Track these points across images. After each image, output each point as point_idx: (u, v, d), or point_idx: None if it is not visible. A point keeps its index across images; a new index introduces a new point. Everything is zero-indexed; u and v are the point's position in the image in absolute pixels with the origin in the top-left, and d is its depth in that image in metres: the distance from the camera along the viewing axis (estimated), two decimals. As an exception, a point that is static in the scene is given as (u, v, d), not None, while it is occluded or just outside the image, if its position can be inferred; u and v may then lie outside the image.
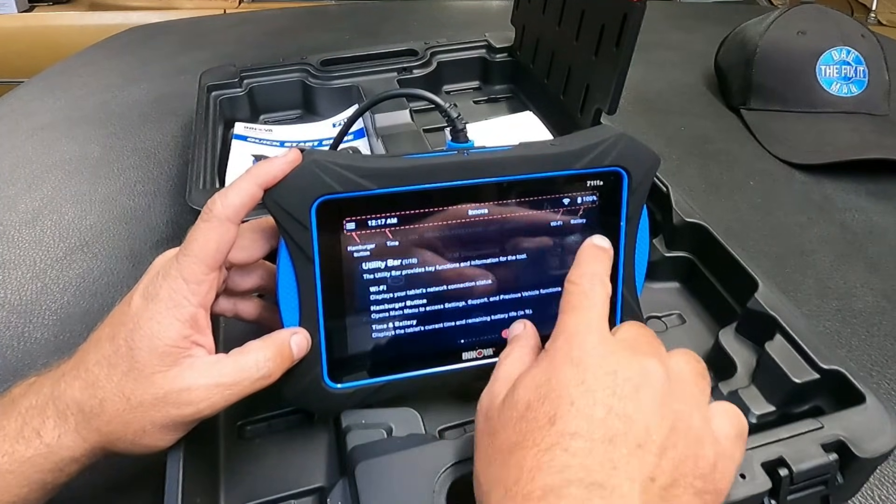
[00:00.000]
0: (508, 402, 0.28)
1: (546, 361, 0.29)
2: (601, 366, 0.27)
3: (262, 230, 0.35)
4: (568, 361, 0.28)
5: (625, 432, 0.25)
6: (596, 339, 0.29)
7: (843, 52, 0.73)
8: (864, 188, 0.66)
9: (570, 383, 0.27)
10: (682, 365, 0.29)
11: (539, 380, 0.28)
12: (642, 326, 0.31)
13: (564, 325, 0.30)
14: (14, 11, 1.69)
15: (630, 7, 0.50)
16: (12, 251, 0.59)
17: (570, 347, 0.28)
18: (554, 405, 0.26)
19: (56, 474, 0.31)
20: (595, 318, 0.30)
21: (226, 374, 0.31)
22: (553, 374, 0.27)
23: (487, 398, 0.30)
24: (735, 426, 0.29)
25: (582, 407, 0.26)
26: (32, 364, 0.48)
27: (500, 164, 0.35)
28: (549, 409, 0.26)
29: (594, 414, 0.26)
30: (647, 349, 0.29)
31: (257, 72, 0.71)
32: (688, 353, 0.31)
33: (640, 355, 0.28)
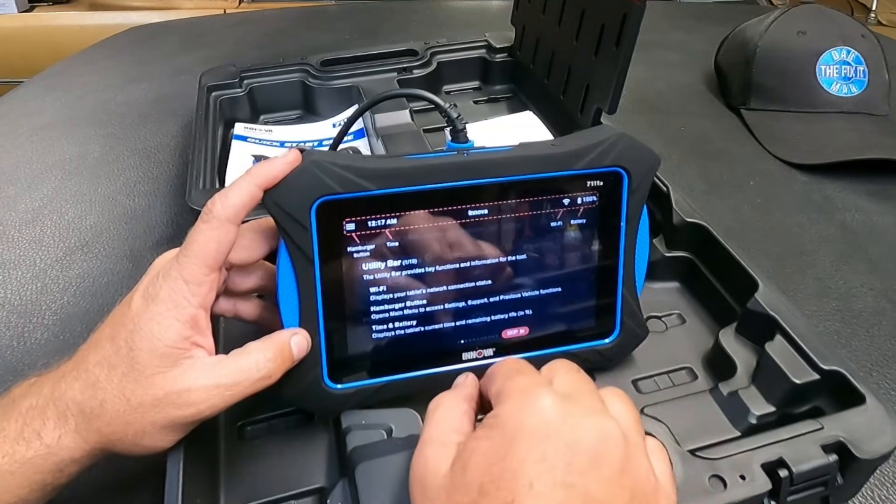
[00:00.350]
0: (459, 481, 0.26)
1: (497, 431, 0.26)
2: (560, 435, 0.25)
3: (262, 231, 0.35)
4: (523, 432, 0.25)
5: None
6: (549, 402, 0.26)
7: (843, 52, 0.73)
8: (864, 188, 0.66)
9: (527, 460, 0.25)
10: (621, 413, 0.28)
11: (492, 457, 0.25)
12: (575, 370, 0.30)
13: (511, 387, 0.28)
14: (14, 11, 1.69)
15: (630, 7, 0.50)
16: (12, 251, 0.59)
17: (524, 413, 0.26)
18: (511, 490, 0.24)
19: (56, 475, 0.31)
20: (540, 379, 0.28)
21: (226, 374, 0.31)
22: (507, 449, 0.25)
23: (420, 465, 0.28)
24: (664, 461, 0.28)
25: (541, 489, 0.24)
26: (32, 364, 0.48)
27: (501, 164, 0.35)
28: (506, 494, 0.24)
29: (555, 495, 0.24)
30: (596, 404, 0.27)
31: (257, 72, 0.71)
32: (619, 397, 0.29)
33: (595, 417, 0.26)
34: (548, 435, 0.25)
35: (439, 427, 0.29)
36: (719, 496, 0.31)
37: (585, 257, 0.39)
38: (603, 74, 0.55)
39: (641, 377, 0.42)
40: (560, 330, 0.40)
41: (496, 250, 0.37)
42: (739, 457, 0.32)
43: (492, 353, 0.39)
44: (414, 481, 0.28)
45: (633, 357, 0.43)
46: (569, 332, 0.40)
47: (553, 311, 0.39)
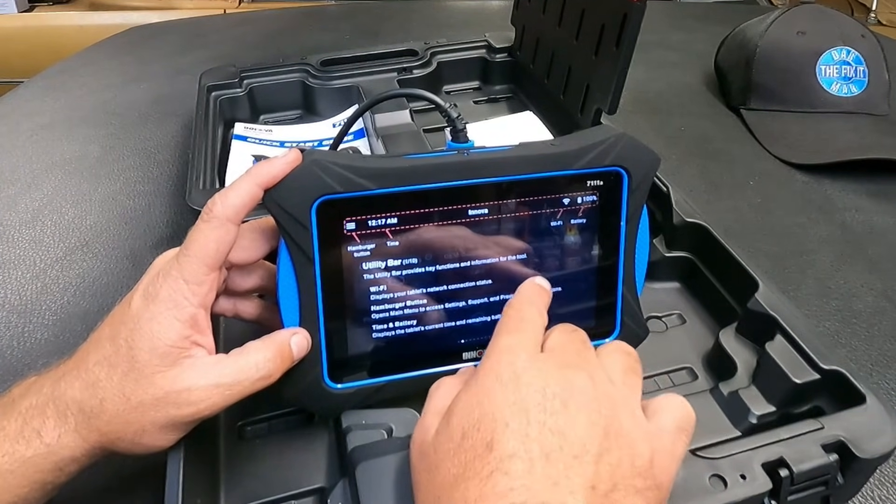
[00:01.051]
0: (443, 433, 0.28)
1: (475, 385, 0.29)
2: (530, 383, 0.27)
3: (263, 230, 0.35)
4: (498, 382, 0.28)
5: (560, 446, 0.26)
6: (524, 357, 0.29)
7: (843, 52, 0.73)
8: (864, 188, 0.66)
9: (502, 404, 0.27)
10: (612, 364, 0.30)
11: (471, 404, 0.28)
12: (570, 331, 0.32)
13: (495, 345, 0.30)
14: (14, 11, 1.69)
15: (630, 7, 0.50)
16: (12, 251, 0.59)
17: (500, 367, 0.28)
18: (489, 429, 0.26)
19: (56, 474, 0.31)
20: (526, 340, 0.30)
21: (226, 374, 0.31)
22: (484, 396, 0.28)
23: (420, 433, 0.30)
24: (676, 419, 0.29)
25: (516, 427, 0.26)
26: (32, 364, 0.48)
27: (501, 164, 0.35)
28: (485, 434, 0.26)
29: (529, 432, 0.26)
30: (575, 359, 0.29)
31: (257, 72, 0.71)
32: (618, 350, 0.31)
33: (566, 369, 0.29)
34: (520, 382, 0.28)
35: (439, 402, 0.30)
36: (720, 496, 0.31)
37: (585, 257, 0.39)
38: (603, 74, 0.55)
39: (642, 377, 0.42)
40: (560, 330, 0.40)
41: (496, 250, 0.37)
42: (740, 456, 0.32)
43: (492, 353, 0.39)
44: (413, 448, 0.30)
45: (633, 357, 0.43)
46: (569, 331, 0.40)
47: (553, 311, 0.39)
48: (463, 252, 0.36)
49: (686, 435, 0.29)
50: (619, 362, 0.30)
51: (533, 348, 0.30)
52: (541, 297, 0.34)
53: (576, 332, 0.32)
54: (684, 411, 0.30)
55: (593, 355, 0.30)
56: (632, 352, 0.32)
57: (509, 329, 0.31)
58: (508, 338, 0.30)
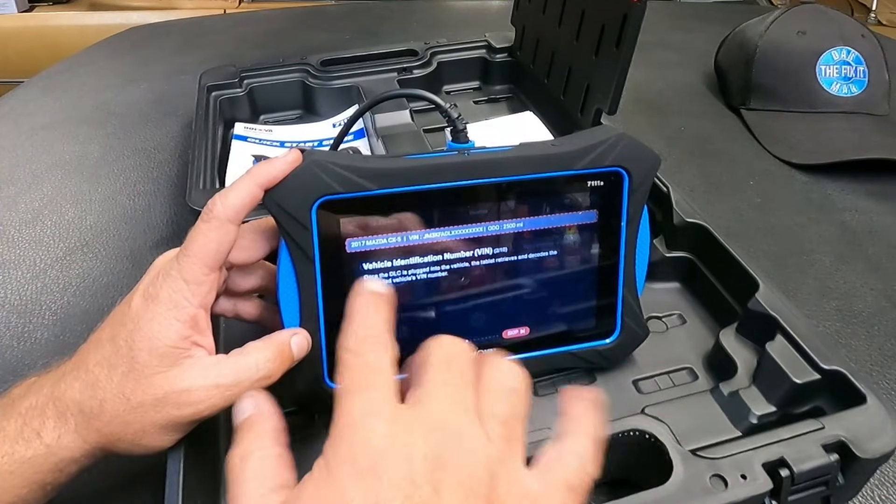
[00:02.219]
0: None
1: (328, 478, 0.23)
2: (395, 468, 0.22)
3: (263, 231, 0.35)
4: (354, 471, 0.22)
5: None
6: (382, 427, 0.23)
7: (843, 52, 0.73)
8: (864, 188, 0.66)
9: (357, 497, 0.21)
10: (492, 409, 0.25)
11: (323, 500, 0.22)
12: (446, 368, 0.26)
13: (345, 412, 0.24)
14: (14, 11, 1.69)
15: (630, 7, 0.50)
16: (12, 251, 0.59)
17: (355, 449, 0.23)
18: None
19: (56, 475, 0.31)
20: (381, 399, 0.24)
21: (226, 374, 0.31)
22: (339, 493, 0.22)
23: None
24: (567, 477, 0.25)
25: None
26: (32, 364, 0.48)
27: (501, 164, 0.35)
28: None
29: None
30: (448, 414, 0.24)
31: (257, 72, 0.71)
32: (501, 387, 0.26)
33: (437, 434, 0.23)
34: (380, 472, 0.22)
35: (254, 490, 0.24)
36: (720, 496, 0.31)
37: (586, 257, 0.39)
38: (603, 75, 0.55)
39: (642, 377, 0.42)
40: (560, 330, 0.40)
41: (496, 250, 0.37)
42: (740, 456, 0.32)
43: (492, 353, 0.39)
44: None
45: (633, 357, 0.43)
46: (569, 332, 0.40)
47: (553, 312, 0.39)
48: (463, 252, 0.36)
49: (578, 493, 0.25)
50: (500, 409, 0.25)
51: (391, 406, 0.24)
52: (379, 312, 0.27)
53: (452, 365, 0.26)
54: (579, 468, 0.25)
55: (470, 397, 0.25)
56: (517, 386, 0.26)
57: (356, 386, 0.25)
58: (359, 401, 0.24)
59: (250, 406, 0.28)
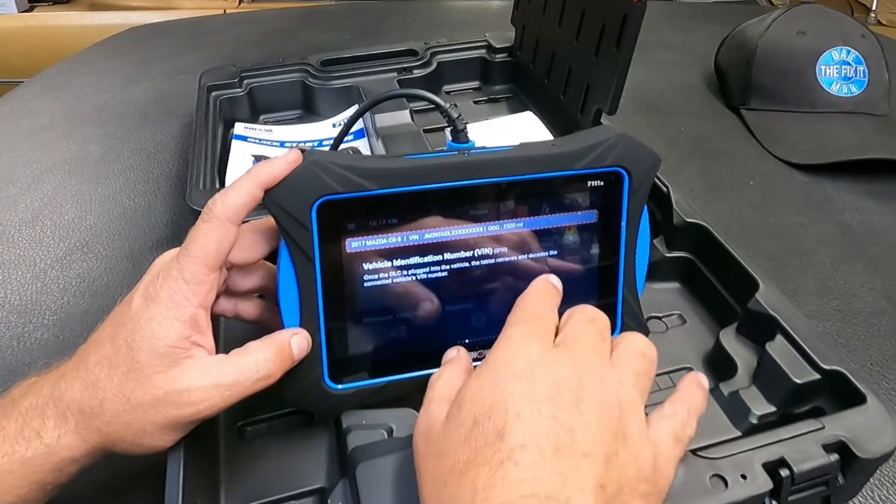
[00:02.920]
0: (454, 419, 0.28)
1: (488, 372, 0.28)
2: (544, 377, 0.27)
3: (263, 231, 0.35)
4: (511, 373, 0.28)
5: (570, 443, 0.26)
6: (538, 349, 0.29)
7: (843, 52, 0.73)
8: (864, 188, 0.66)
9: (514, 394, 0.27)
10: (625, 365, 0.30)
11: (483, 391, 0.27)
12: (588, 321, 0.31)
13: (508, 334, 0.30)
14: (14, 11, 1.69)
15: (630, 7, 0.50)
16: (12, 251, 0.59)
17: (514, 357, 0.28)
18: (501, 418, 0.26)
19: (56, 475, 0.31)
20: (539, 332, 0.30)
21: (226, 374, 0.31)
22: (497, 385, 0.27)
23: (425, 421, 0.30)
24: (674, 430, 0.29)
25: (528, 418, 0.26)
26: (32, 364, 0.48)
27: (501, 164, 0.35)
28: (496, 422, 0.26)
29: (540, 425, 0.26)
30: (589, 356, 0.29)
31: (257, 72, 0.71)
32: (635, 351, 0.31)
33: (580, 366, 0.28)
34: (533, 374, 0.27)
35: (441, 390, 0.30)
36: (720, 496, 0.31)
37: (586, 257, 0.39)
38: (603, 75, 0.55)
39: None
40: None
41: (496, 250, 0.37)
42: (740, 456, 0.32)
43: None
44: (418, 435, 0.30)
45: (633, 357, 0.43)
46: (569, 331, 0.40)
47: (553, 311, 0.39)
48: (463, 252, 0.36)
49: (682, 445, 0.29)
50: (633, 364, 0.30)
51: (547, 341, 0.30)
52: (553, 295, 0.34)
53: (594, 323, 0.31)
54: (683, 425, 0.30)
55: (608, 351, 0.30)
56: (647, 352, 0.31)
57: (523, 320, 0.31)
58: (522, 328, 0.30)
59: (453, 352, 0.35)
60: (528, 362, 0.28)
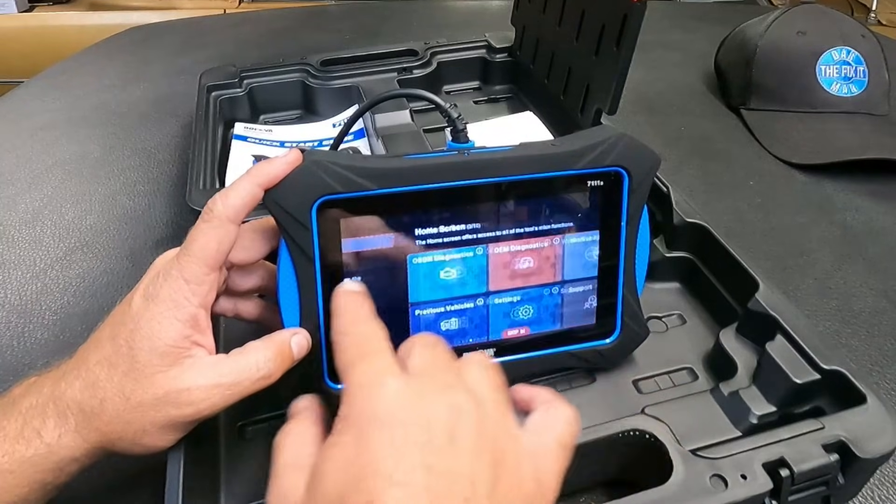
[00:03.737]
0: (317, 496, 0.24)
1: (349, 431, 0.25)
2: (412, 419, 0.24)
3: (263, 230, 0.35)
4: (373, 423, 0.24)
5: (449, 489, 0.23)
6: (394, 386, 0.25)
7: (843, 52, 0.73)
8: (864, 188, 0.66)
9: (382, 452, 0.23)
10: (479, 382, 0.27)
11: (347, 457, 0.24)
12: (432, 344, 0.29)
13: (355, 380, 0.26)
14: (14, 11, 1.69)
15: (630, 7, 0.50)
16: (12, 251, 0.59)
17: (372, 404, 0.25)
18: (372, 488, 0.22)
19: (56, 474, 0.31)
20: (385, 363, 0.27)
21: (226, 374, 0.31)
22: (360, 444, 0.24)
23: (277, 493, 0.26)
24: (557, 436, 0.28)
25: (400, 478, 0.23)
26: (32, 364, 0.48)
27: (501, 164, 0.35)
28: (367, 495, 0.22)
29: (415, 481, 0.23)
30: (449, 378, 0.27)
31: (257, 72, 0.71)
32: (479, 364, 0.28)
33: (446, 392, 0.26)
34: (397, 421, 0.24)
35: (289, 455, 0.27)
36: (720, 496, 0.31)
37: (586, 258, 0.39)
38: (603, 75, 0.55)
39: (642, 377, 0.42)
40: (560, 330, 0.40)
41: (496, 250, 0.37)
42: (741, 456, 0.32)
43: (492, 353, 0.39)
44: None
45: (633, 357, 0.43)
46: (569, 332, 0.40)
47: (552, 311, 0.39)
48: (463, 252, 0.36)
49: (567, 450, 0.28)
50: (485, 380, 0.28)
51: (394, 367, 0.27)
52: (361, 305, 0.30)
53: (437, 345, 0.29)
54: (566, 426, 0.28)
55: (458, 370, 0.28)
56: (489, 364, 0.29)
57: (356, 358, 0.27)
58: (363, 368, 0.26)
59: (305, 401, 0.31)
60: (388, 404, 0.25)
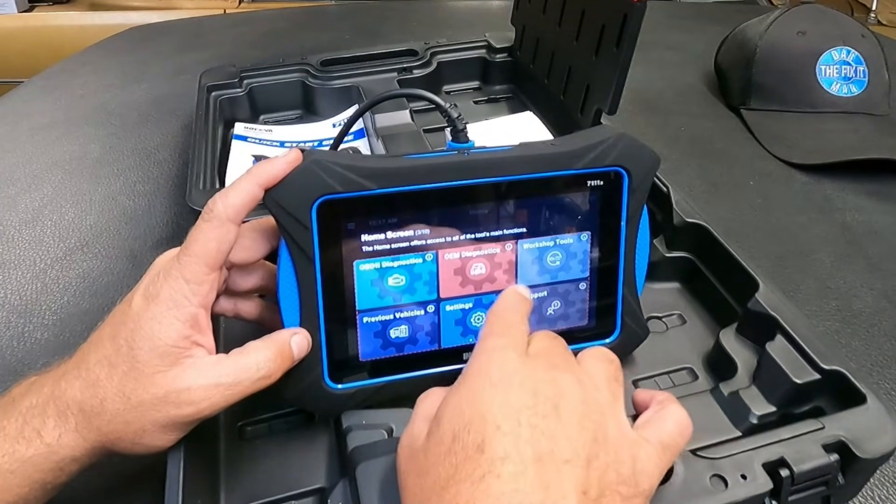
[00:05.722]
0: (434, 436, 0.27)
1: (465, 386, 0.28)
2: (521, 385, 0.27)
3: (263, 230, 0.35)
4: (488, 383, 0.27)
5: (551, 450, 0.25)
6: (514, 358, 0.28)
7: (843, 52, 0.73)
8: (864, 188, 0.66)
9: (492, 405, 0.26)
10: (595, 371, 0.30)
11: (461, 406, 0.27)
12: (553, 337, 0.31)
13: (482, 347, 0.30)
14: (14, 11, 1.69)
15: (630, 7, 0.50)
16: (12, 251, 0.59)
17: (490, 368, 0.28)
18: (480, 431, 0.26)
19: (56, 474, 0.31)
20: (513, 342, 0.30)
21: (226, 374, 0.31)
22: (475, 398, 0.27)
23: (408, 438, 0.29)
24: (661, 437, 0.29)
25: (507, 429, 0.26)
26: (32, 364, 0.48)
27: (501, 164, 0.35)
28: (476, 436, 0.26)
29: (520, 434, 0.26)
30: (561, 362, 0.29)
31: (257, 72, 0.71)
32: (600, 357, 0.31)
33: (555, 371, 0.28)
34: (511, 384, 0.27)
35: (427, 408, 0.30)
36: (720, 496, 0.31)
37: (586, 257, 0.39)
38: (603, 75, 0.55)
39: (642, 377, 0.42)
40: (560, 330, 0.40)
41: (497, 250, 0.37)
42: (741, 456, 0.32)
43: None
44: (401, 452, 0.29)
45: (633, 357, 0.43)
46: (569, 331, 0.40)
47: (553, 311, 0.39)
48: (463, 252, 0.36)
49: (671, 452, 0.29)
50: (602, 370, 0.30)
51: (521, 350, 0.30)
52: (523, 304, 0.33)
53: (557, 339, 0.31)
54: (675, 427, 0.30)
55: (575, 361, 0.30)
56: (614, 359, 0.31)
57: (495, 332, 0.30)
58: (495, 339, 0.30)
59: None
60: (504, 371, 0.28)
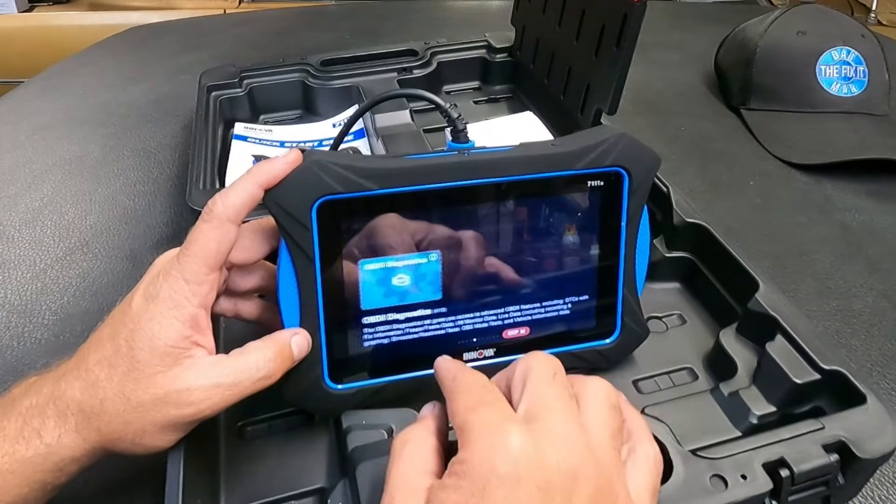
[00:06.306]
0: None
1: (467, 481, 0.24)
2: (531, 479, 0.23)
3: (263, 230, 0.35)
4: (494, 478, 0.23)
5: None
6: (517, 437, 0.24)
7: (843, 52, 0.73)
8: (864, 188, 0.66)
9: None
10: (598, 423, 0.27)
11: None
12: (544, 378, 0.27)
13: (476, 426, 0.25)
14: (14, 11, 1.69)
15: (630, 7, 0.50)
16: (12, 251, 0.59)
17: (492, 456, 0.24)
18: None
19: (56, 474, 0.31)
20: (503, 409, 0.26)
21: (226, 374, 0.31)
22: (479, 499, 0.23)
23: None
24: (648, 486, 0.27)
25: None
26: (32, 364, 0.48)
27: (501, 164, 0.35)
28: None
29: None
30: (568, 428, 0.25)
31: (257, 72, 0.71)
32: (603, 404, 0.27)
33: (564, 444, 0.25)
34: (519, 479, 0.23)
35: (408, 469, 0.27)
36: (720, 496, 0.31)
37: (586, 257, 0.39)
38: (603, 75, 0.55)
39: (642, 377, 0.42)
40: (561, 330, 0.40)
41: (497, 250, 0.37)
42: (740, 456, 0.32)
43: (493, 354, 0.39)
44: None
45: (633, 357, 0.43)
46: (569, 332, 0.40)
47: (554, 312, 0.39)
48: (463, 252, 0.36)
49: (657, 495, 0.27)
50: (607, 424, 0.27)
51: (517, 419, 0.26)
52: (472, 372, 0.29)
53: (556, 380, 0.27)
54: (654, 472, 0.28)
55: (577, 411, 0.27)
56: (615, 402, 0.28)
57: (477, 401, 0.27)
58: (484, 412, 0.26)
59: (429, 408, 0.30)
60: (510, 459, 0.24)
